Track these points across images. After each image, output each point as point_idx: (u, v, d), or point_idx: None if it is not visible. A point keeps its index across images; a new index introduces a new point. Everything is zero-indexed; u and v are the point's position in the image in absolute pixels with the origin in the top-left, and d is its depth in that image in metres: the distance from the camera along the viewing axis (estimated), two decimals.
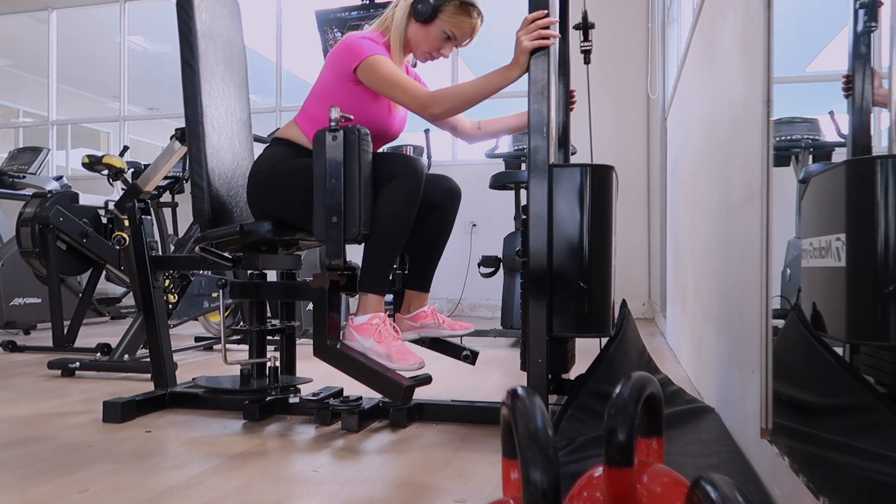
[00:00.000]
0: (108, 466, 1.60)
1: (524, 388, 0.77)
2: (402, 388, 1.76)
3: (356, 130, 1.79)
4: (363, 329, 1.86)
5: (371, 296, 1.89)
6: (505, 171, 4.13)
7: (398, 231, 1.86)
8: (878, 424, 1.16)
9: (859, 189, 1.25)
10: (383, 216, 1.84)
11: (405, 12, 1.99)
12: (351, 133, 1.79)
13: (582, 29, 2.11)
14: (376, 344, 1.83)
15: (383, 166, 1.86)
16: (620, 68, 5.74)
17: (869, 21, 1.44)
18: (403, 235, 1.88)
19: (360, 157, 1.80)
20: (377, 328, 1.85)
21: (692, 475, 0.70)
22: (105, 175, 3.95)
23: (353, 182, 1.80)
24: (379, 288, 1.90)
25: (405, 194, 1.84)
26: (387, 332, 1.86)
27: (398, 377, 1.78)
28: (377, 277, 1.89)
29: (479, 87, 1.87)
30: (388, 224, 1.84)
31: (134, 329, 3.10)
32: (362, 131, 1.81)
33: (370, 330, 1.85)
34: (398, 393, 1.77)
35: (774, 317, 1.25)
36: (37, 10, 7.50)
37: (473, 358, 2.21)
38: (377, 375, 1.79)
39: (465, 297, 6.00)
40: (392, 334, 1.87)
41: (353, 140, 1.79)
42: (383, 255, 1.87)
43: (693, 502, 0.65)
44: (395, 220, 1.84)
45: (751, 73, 1.39)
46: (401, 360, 1.81)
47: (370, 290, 1.89)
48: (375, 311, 1.88)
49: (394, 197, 1.84)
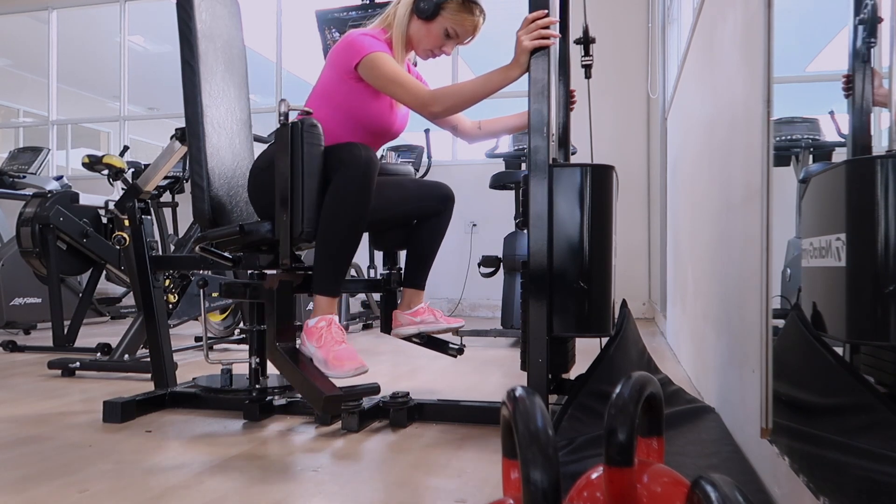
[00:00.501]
0: (108, 466, 1.60)
1: (524, 388, 0.77)
2: (322, 398, 1.66)
3: (300, 123, 1.75)
4: (310, 333, 1.81)
5: (321, 297, 1.83)
6: (505, 171, 4.13)
7: (346, 227, 1.78)
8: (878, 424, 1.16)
9: (859, 189, 1.25)
10: (329, 211, 1.78)
11: (407, 9, 1.99)
12: (295, 126, 1.75)
13: (583, 43, 2.10)
14: (317, 349, 1.78)
15: (330, 159, 1.80)
16: (621, 68, 5.74)
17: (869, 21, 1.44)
18: (353, 232, 1.80)
19: (304, 150, 1.74)
20: (321, 332, 1.79)
21: (692, 475, 0.70)
22: (105, 175, 3.95)
23: (296, 178, 1.75)
24: (328, 289, 1.83)
25: (350, 184, 1.76)
26: (329, 336, 1.79)
27: (325, 385, 1.70)
28: (326, 278, 1.83)
29: (480, 86, 1.87)
30: (334, 220, 1.77)
31: (134, 329, 3.11)
32: (307, 123, 1.76)
33: (315, 334, 1.80)
34: (318, 401, 1.68)
35: (774, 316, 1.25)
36: (37, 9, 7.50)
37: (458, 352, 2.24)
38: (303, 382, 1.72)
39: (465, 297, 6.00)
40: (334, 339, 1.79)
41: (296, 134, 1.75)
42: (331, 254, 1.81)
43: (693, 502, 0.65)
44: (341, 215, 1.77)
45: (751, 72, 1.39)
46: (336, 367, 1.74)
47: (319, 291, 1.84)
48: (325, 313, 1.83)
49: (337, 190, 1.77)
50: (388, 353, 3.53)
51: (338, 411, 1.82)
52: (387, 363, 3.21)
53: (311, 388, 1.70)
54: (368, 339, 4.20)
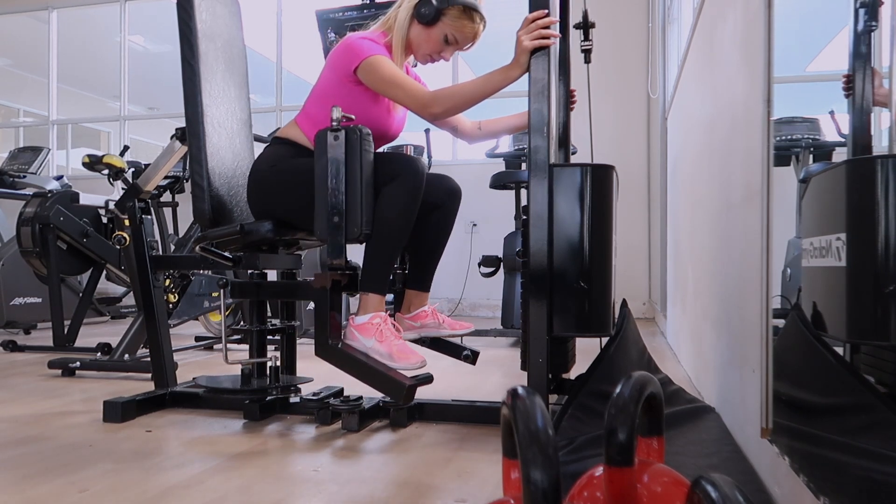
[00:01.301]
0: (108, 466, 1.60)
1: (524, 387, 0.77)
2: (404, 388, 1.76)
3: (358, 130, 1.79)
4: (364, 329, 1.86)
5: (372, 295, 1.88)
6: (505, 171, 4.13)
7: (399, 231, 1.85)
8: (878, 424, 1.16)
9: (859, 189, 1.25)
10: (384, 216, 1.84)
11: (408, 13, 1.99)
12: (353, 133, 1.79)
13: (582, 28, 2.11)
14: (378, 343, 1.83)
15: (385, 166, 1.85)
16: (621, 68, 5.74)
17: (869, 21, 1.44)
18: (404, 236, 1.88)
19: (362, 156, 1.79)
20: (378, 327, 1.85)
21: (692, 475, 0.70)
22: (105, 175, 3.95)
23: (354, 182, 1.79)
24: (380, 287, 1.89)
25: (406, 195, 1.84)
26: (388, 331, 1.86)
27: (400, 376, 1.78)
28: (378, 277, 1.89)
29: (480, 86, 1.87)
30: (390, 224, 1.84)
31: (134, 329, 3.11)
32: (364, 131, 1.81)
33: (371, 329, 1.85)
34: (400, 392, 1.77)
35: (775, 316, 1.25)
36: (37, 9, 7.50)
37: (474, 358, 2.20)
38: (379, 375, 1.79)
39: (466, 297, 6.00)
40: (393, 333, 1.87)
41: (354, 140, 1.79)
42: (384, 255, 1.87)
43: (693, 502, 0.65)
44: (397, 220, 1.84)
45: (751, 72, 1.39)
46: (403, 359, 1.81)
47: (371, 289, 1.88)
48: (376, 310, 1.88)
49: (395, 197, 1.83)
50: None
51: (412, 400, 1.88)
52: None
53: (389, 379, 1.78)
54: None
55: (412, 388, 1.80)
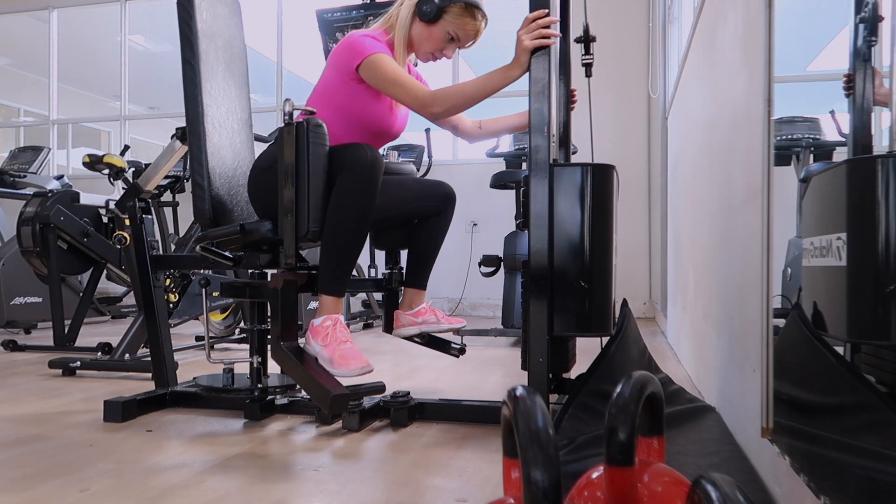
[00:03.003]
0: (108, 466, 1.60)
1: (525, 387, 0.77)
2: (329, 396, 1.66)
3: (306, 123, 1.75)
4: (316, 332, 1.81)
5: (327, 297, 1.83)
6: (506, 171, 4.12)
7: (351, 227, 1.78)
8: (879, 424, 1.16)
9: (860, 188, 1.25)
10: (333, 212, 1.78)
11: (410, 11, 1.99)
12: (300, 126, 1.75)
13: (583, 42, 2.10)
14: (322, 348, 1.78)
15: (335, 159, 1.79)
16: (621, 67, 5.74)
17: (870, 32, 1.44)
18: (358, 232, 1.80)
19: (310, 150, 1.74)
20: (326, 331, 1.80)
21: (693, 474, 0.70)
22: (106, 174, 3.95)
23: (302, 177, 1.75)
24: (334, 289, 1.83)
25: (355, 187, 1.76)
26: (335, 335, 1.79)
27: (331, 384, 1.70)
28: (331, 278, 1.83)
29: (480, 86, 1.87)
30: (339, 220, 1.77)
31: (135, 328, 3.11)
32: (313, 123, 1.76)
33: (321, 333, 1.80)
34: (325, 400, 1.67)
35: (775, 316, 1.25)
36: (38, 9, 7.50)
37: (460, 352, 2.25)
38: (310, 381, 1.71)
39: (466, 297, 6.00)
40: (339, 339, 1.79)
41: (301, 133, 1.74)
42: (337, 254, 1.81)
43: (694, 502, 0.65)
44: (346, 215, 1.77)
45: (752, 72, 1.39)
46: (342, 366, 1.74)
47: (324, 290, 1.84)
48: (330, 312, 1.83)
49: (343, 190, 1.77)
50: (389, 353, 3.53)
51: (344, 410, 1.82)
52: (388, 362, 3.21)
53: (318, 386, 1.69)
54: (369, 339, 4.20)
55: (339, 398, 1.68)
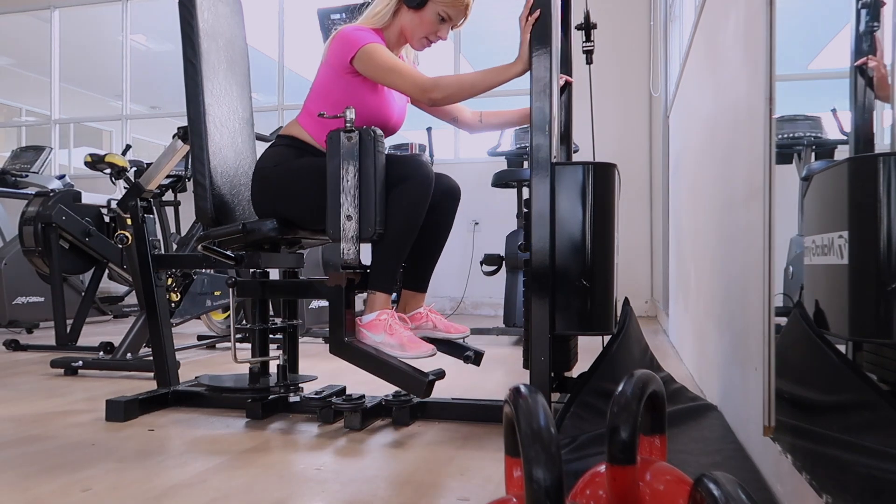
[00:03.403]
0: (111, 465, 1.60)
1: (527, 386, 0.77)
2: (424, 383, 1.80)
3: (371, 132, 1.81)
4: (373, 326, 1.88)
5: (379, 294, 1.91)
6: (507, 170, 4.13)
7: (408, 232, 1.88)
8: (881, 422, 1.16)
9: (862, 186, 1.24)
10: (395, 217, 1.86)
11: (395, 1, 1.99)
12: (367, 134, 1.81)
13: (584, 29, 2.11)
14: (388, 336, 1.86)
15: (396, 168, 1.87)
16: (622, 66, 5.73)
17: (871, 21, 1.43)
18: (413, 236, 1.90)
19: (376, 157, 1.81)
20: (386, 322, 1.88)
21: (695, 473, 0.70)
22: (107, 174, 3.95)
23: (368, 182, 1.81)
24: (387, 286, 1.92)
25: (416, 197, 1.86)
26: (396, 324, 1.89)
27: (419, 372, 1.81)
28: (386, 276, 1.91)
29: (481, 77, 1.88)
30: (400, 225, 1.86)
31: (137, 327, 3.11)
32: (377, 133, 1.83)
33: (380, 325, 1.88)
34: (421, 387, 1.80)
35: (777, 314, 1.25)
36: (39, 8, 7.50)
37: (477, 359, 2.10)
38: (398, 370, 1.82)
39: (468, 296, 6.00)
40: (402, 326, 1.90)
41: (368, 141, 1.81)
42: (393, 255, 1.89)
43: (696, 500, 0.65)
44: (406, 221, 1.86)
45: (753, 70, 1.39)
46: (414, 349, 1.84)
47: (379, 288, 1.91)
48: (383, 307, 1.91)
49: (406, 199, 1.86)
50: None
51: (430, 394, 1.89)
52: None
53: (407, 374, 1.81)
54: None
55: (431, 383, 1.83)
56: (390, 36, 2.02)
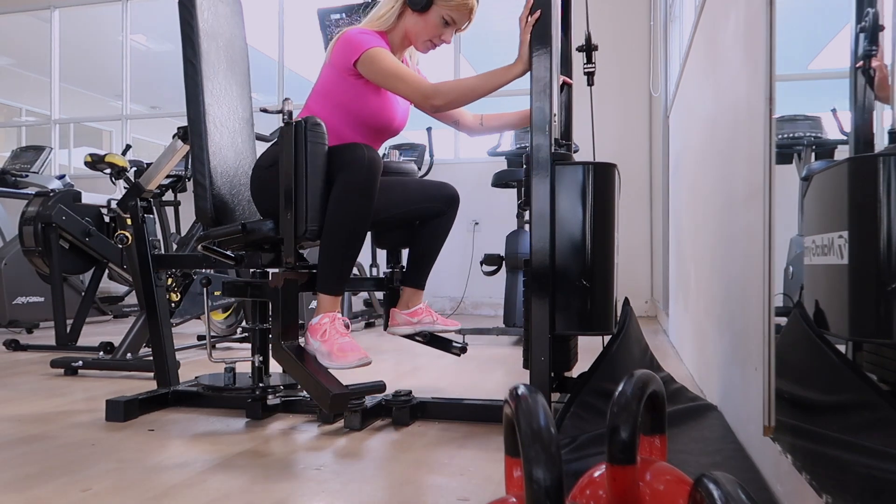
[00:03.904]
0: (110, 465, 1.60)
1: (527, 386, 0.77)
2: (329, 395, 1.67)
3: (304, 121, 1.76)
4: (314, 330, 1.83)
5: (325, 296, 1.85)
6: (507, 170, 4.12)
7: (350, 226, 1.80)
8: (881, 422, 1.16)
9: (861, 186, 1.24)
10: (332, 211, 1.79)
11: (399, 3, 1.99)
12: (299, 125, 1.76)
13: (585, 51, 2.10)
14: (321, 343, 1.80)
15: (334, 158, 1.81)
16: (622, 66, 5.73)
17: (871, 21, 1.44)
18: (357, 231, 1.81)
19: (308, 149, 1.75)
20: (324, 327, 1.82)
21: (695, 473, 0.70)
22: (107, 174, 3.95)
23: (300, 176, 1.76)
24: (332, 288, 1.85)
25: (352, 186, 1.77)
26: (333, 330, 1.82)
27: (331, 383, 1.71)
28: (329, 277, 1.85)
29: (482, 81, 1.88)
30: (338, 219, 1.79)
31: (137, 328, 3.11)
32: (311, 121, 1.76)
33: (318, 330, 1.82)
34: (325, 400, 1.69)
35: (777, 314, 1.25)
36: (39, 8, 7.50)
37: (461, 351, 2.26)
38: (310, 381, 1.73)
39: (468, 296, 6.00)
40: (338, 332, 1.81)
41: (300, 132, 1.75)
42: (335, 253, 1.82)
43: (696, 500, 0.65)
44: (345, 214, 1.78)
45: (753, 70, 1.39)
46: (341, 358, 1.76)
47: (323, 289, 1.85)
48: (328, 310, 1.85)
49: (341, 190, 1.78)
50: (391, 352, 3.53)
51: (344, 409, 1.82)
52: (389, 361, 3.21)
53: (318, 385, 1.70)
54: (371, 338, 4.21)
55: (339, 397, 1.69)
56: (394, 38, 2.03)
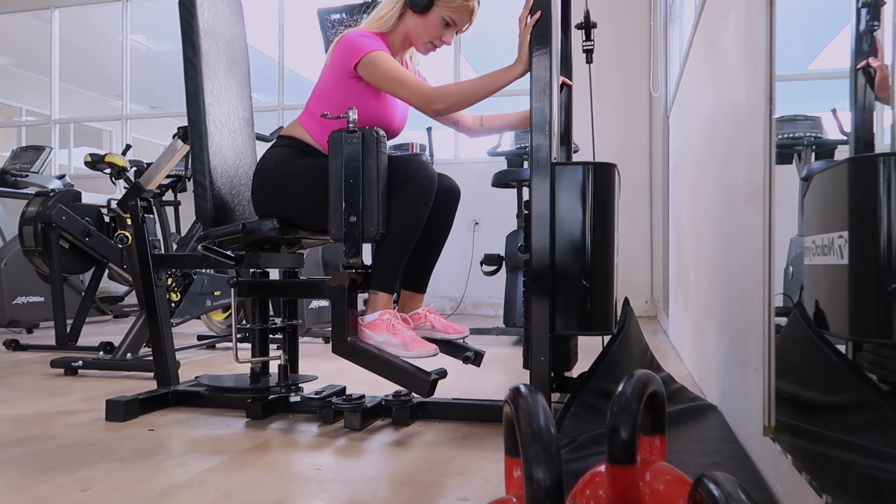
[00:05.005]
0: (111, 465, 1.60)
1: (527, 386, 0.77)
2: (427, 381, 1.81)
3: (374, 132, 1.82)
4: (375, 325, 1.89)
5: (381, 294, 1.92)
6: (507, 170, 4.13)
7: (411, 232, 1.89)
8: (881, 422, 1.16)
9: (861, 186, 1.24)
10: (398, 217, 1.86)
11: (400, 4, 1.99)
12: (369, 134, 1.82)
13: (584, 28, 2.12)
14: (391, 336, 1.87)
15: (398, 169, 1.88)
16: (623, 66, 5.73)
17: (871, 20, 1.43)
18: (415, 237, 1.91)
19: (378, 158, 1.82)
20: (389, 322, 1.89)
21: (695, 473, 0.70)
22: (107, 174, 3.95)
23: (371, 183, 1.82)
24: (389, 287, 1.93)
25: (418, 198, 1.87)
26: (399, 324, 1.90)
27: (422, 371, 1.82)
28: (388, 276, 1.92)
29: (483, 83, 1.88)
30: (402, 225, 1.87)
31: (137, 327, 3.11)
32: (379, 133, 1.83)
33: (382, 325, 1.88)
34: (424, 386, 1.81)
35: (777, 314, 1.25)
36: (39, 8, 7.50)
37: (477, 359, 2.06)
38: (401, 370, 1.83)
39: (468, 296, 6.00)
40: (404, 325, 1.91)
41: (371, 141, 1.82)
42: (395, 255, 1.90)
43: (696, 500, 0.65)
44: (409, 221, 1.87)
45: (753, 70, 1.39)
46: (417, 348, 1.85)
47: (381, 288, 1.92)
48: (385, 307, 1.91)
49: (408, 199, 1.86)
50: None
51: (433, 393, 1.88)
52: None
53: (411, 374, 1.82)
54: None
55: (434, 382, 1.84)
56: (395, 40, 2.03)
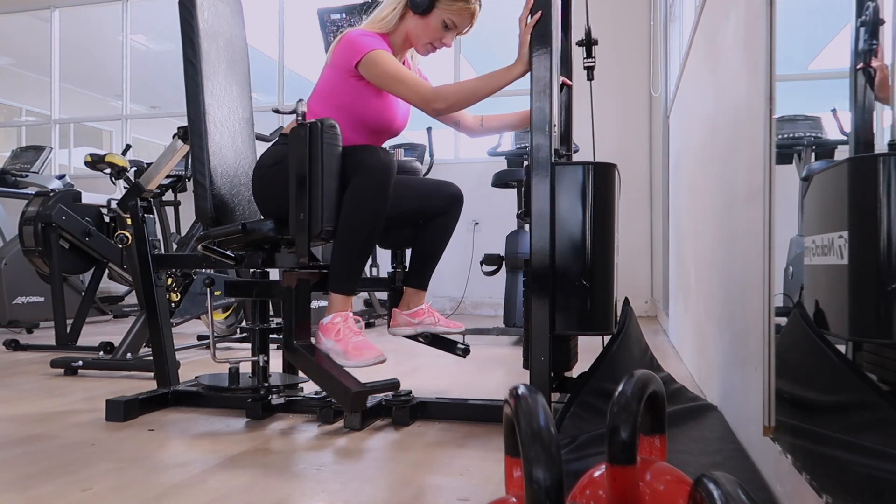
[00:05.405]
0: (110, 465, 1.60)
1: (527, 386, 0.77)
2: (350, 393, 1.72)
3: (320, 123, 1.77)
4: (327, 329, 1.85)
5: (337, 295, 1.87)
6: (507, 170, 4.12)
7: (364, 228, 1.81)
8: (881, 422, 1.16)
9: (861, 186, 1.24)
10: (347, 212, 1.80)
11: (401, 5, 1.99)
12: (314, 126, 1.76)
13: (585, 45, 2.10)
14: (335, 343, 1.82)
15: (349, 160, 1.81)
16: (623, 66, 5.73)
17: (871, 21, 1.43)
18: (371, 233, 1.83)
19: (324, 150, 1.76)
20: (337, 327, 1.83)
21: (695, 473, 0.70)
22: (107, 174, 3.95)
23: (315, 177, 1.76)
24: (345, 287, 1.87)
25: (370, 187, 1.79)
26: (346, 329, 1.84)
27: (349, 381, 1.74)
28: (343, 276, 1.86)
29: (483, 83, 1.88)
30: (353, 220, 1.80)
31: (137, 327, 3.11)
32: (326, 123, 1.77)
33: (332, 329, 1.84)
34: (346, 397, 1.72)
35: (777, 314, 1.24)
36: (39, 8, 7.51)
37: (465, 353, 2.23)
38: (329, 379, 1.75)
39: (468, 296, 6.00)
40: (352, 331, 1.84)
41: (315, 133, 1.76)
42: (349, 253, 1.83)
43: (696, 500, 0.65)
44: (360, 215, 1.80)
45: (753, 70, 1.39)
46: (356, 357, 1.79)
47: (335, 289, 1.87)
48: (340, 310, 1.86)
49: (358, 191, 1.79)
50: (391, 352, 3.51)
51: (363, 406, 1.83)
52: (389, 361, 3.17)
53: (337, 384, 1.73)
54: (371, 338, 4.19)
55: (359, 395, 1.74)
56: (395, 40, 2.03)
